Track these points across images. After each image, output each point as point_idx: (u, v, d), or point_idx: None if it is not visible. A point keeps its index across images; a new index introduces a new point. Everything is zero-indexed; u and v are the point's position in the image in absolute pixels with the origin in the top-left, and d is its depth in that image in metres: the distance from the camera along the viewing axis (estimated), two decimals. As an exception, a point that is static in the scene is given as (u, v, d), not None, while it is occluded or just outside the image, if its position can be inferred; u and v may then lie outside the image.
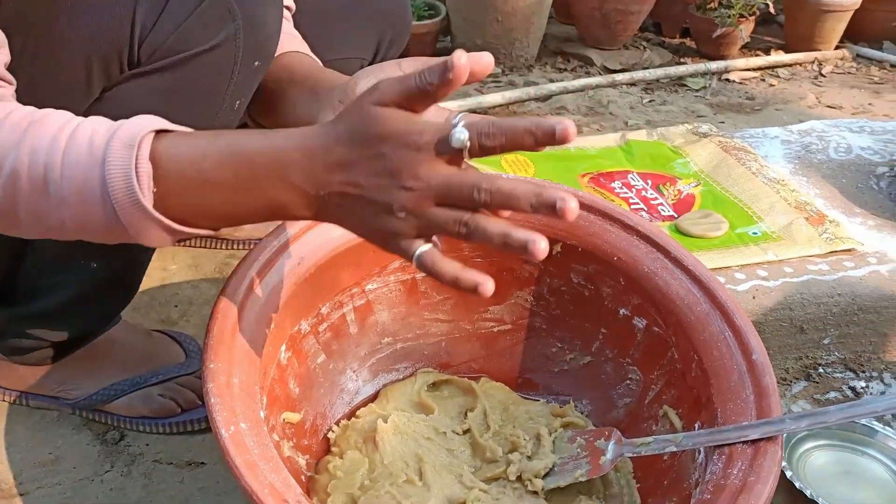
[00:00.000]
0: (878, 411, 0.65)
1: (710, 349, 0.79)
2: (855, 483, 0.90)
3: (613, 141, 1.37)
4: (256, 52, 0.74)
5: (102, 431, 0.95)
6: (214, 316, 0.72)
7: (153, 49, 0.69)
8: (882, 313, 1.06)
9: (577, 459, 0.81)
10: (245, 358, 0.72)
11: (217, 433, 0.63)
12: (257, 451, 0.64)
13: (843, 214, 1.20)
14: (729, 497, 0.66)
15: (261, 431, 0.66)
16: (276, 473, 0.63)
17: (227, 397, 0.66)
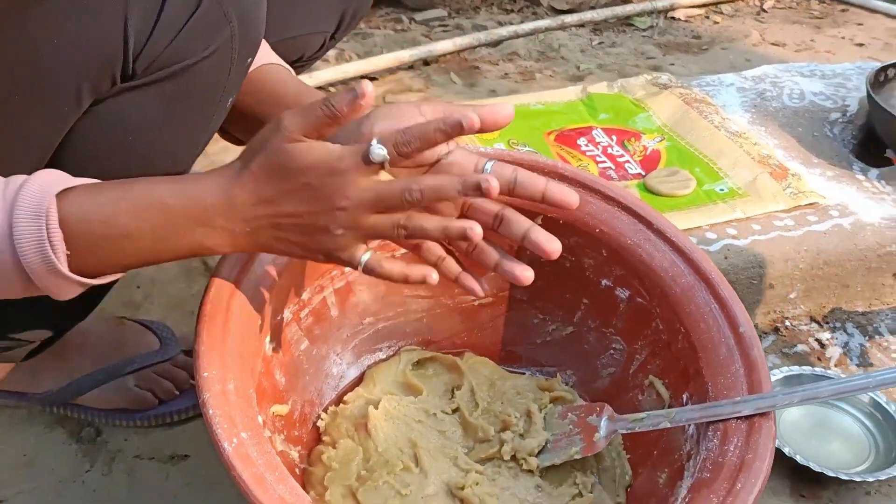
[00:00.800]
0: (870, 387, 0.67)
1: (697, 322, 0.80)
2: (827, 437, 0.94)
3: (574, 94, 1.36)
4: (249, 50, 0.70)
5: (77, 428, 0.92)
6: (202, 319, 0.70)
7: (149, 62, 0.65)
8: (845, 266, 1.09)
9: (570, 436, 0.82)
10: (237, 360, 0.70)
11: (220, 448, 0.62)
12: (261, 461, 0.63)
13: (803, 166, 1.22)
14: (729, 475, 0.67)
15: (262, 439, 0.65)
16: (283, 484, 0.62)
17: (224, 407, 0.64)
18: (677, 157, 1.20)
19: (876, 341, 1.09)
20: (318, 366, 0.87)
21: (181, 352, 0.95)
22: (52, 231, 0.58)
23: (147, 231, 0.61)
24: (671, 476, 0.77)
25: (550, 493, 0.79)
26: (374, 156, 0.59)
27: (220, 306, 0.71)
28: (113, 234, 0.60)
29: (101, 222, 0.60)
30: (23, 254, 0.57)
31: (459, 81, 1.76)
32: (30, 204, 0.58)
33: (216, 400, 0.64)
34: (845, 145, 1.33)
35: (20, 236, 0.57)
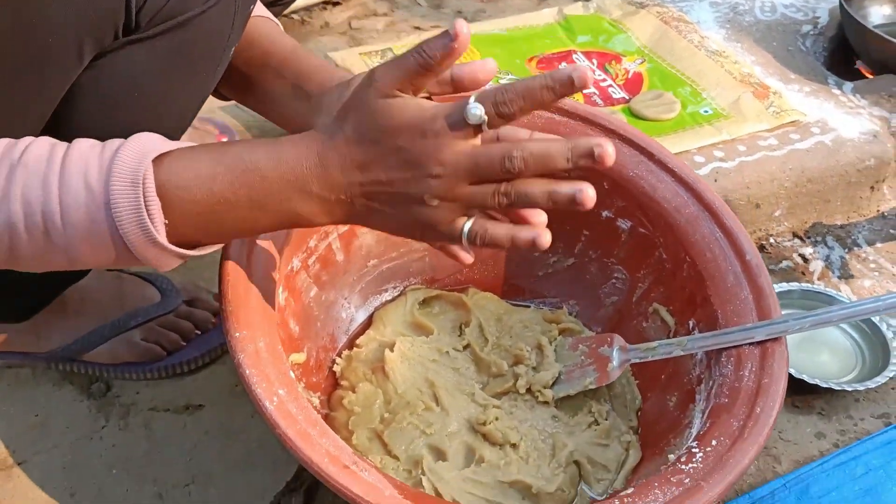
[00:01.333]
0: (879, 310, 0.70)
1: (703, 251, 0.82)
2: (816, 349, 0.98)
3: (551, 17, 1.34)
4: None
5: (86, 384, 0.91)
6: (225, 279, 0.69)
7: (152, 14, 0.62)
8: (827, 182, 1.12)
9: (582, 367, 0.84)
10: (263, 317, 0.70)
11: (262, 407, 0.62)
12: (302, 416, 0.64)
13: (781, 83, 1.24)
14: (747, 400, 0.70)
15: (297, 394, 0.66)
16: (325, 437, 0.63)
17: (259, 366, 0.65)
18: (660, 80, 1.20)
19: (855, 253, 1.13)
20: (328, 311, 0.88)
21: (182, 302, 0.95)
22: (149, 199, 0.55)
23: (244, 197, 0.58)
24: (682, 399, 0.80)
25: (567, 423, 0.82)
26: (471, 116, 0.54)
27: (241, 263, 0.71)
28: (210, 200, 0.57)
29: (198, 188, 0.57)
30: (120, 223, 0.55)
31: (425, 3, 1.72)
32: (126, 170, 0.55)
33: (251, 360, 0.65)
34: (818, 58, 1.35)
35: (117, 205, 0.54)
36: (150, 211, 0.55)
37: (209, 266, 1.06)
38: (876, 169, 1.13)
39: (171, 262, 0.59)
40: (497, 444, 0.79)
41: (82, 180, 0.55)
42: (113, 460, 0.85)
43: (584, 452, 0.79)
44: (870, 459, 0.88)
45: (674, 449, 0.75)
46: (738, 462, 0.66)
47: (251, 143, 0.60)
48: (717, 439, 0.68)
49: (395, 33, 1.58)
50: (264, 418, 0.62)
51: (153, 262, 0.58)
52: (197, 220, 0.58)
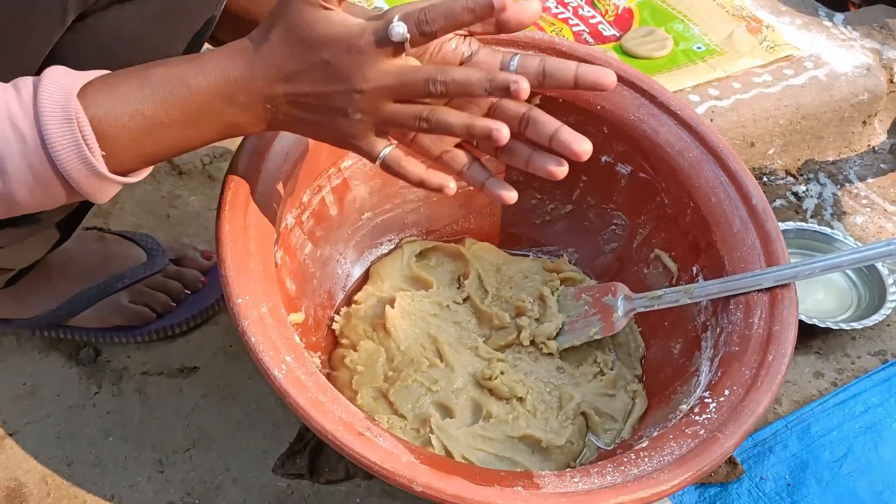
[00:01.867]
0: (893, 254, 0.69)
1: (707, 196, 0.80)
2: (812, 288, 0.98)
3: (535, -50, 1.29)
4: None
5: (73, 350, 0.88)
6: (222, 242, 0.66)
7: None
8: (821, 118, 1.10)
9: (586, 317, 0.83)
10: (264, 280, 0.67)
11: (270, 376, 0.60)
12: (311, 383, 0.62)
13: (773, 15, 1.21)
14: (759, 347, 0.70)
15: (305, 360, 0.64)
16: (336, 404, 0.61)
17: (265, 333, 0.62)
18: (650, 15, 1.17)
19: (846, 189, 1.13)
20: (324, 268, 0.85)
21: (169, 261, 0.91)
22: (86, 134, 0.54)
23: (177, 117, 0.57)
24: (687, 346, 0.80)
25: (573, 374, 0.81)
26: (394, 34, 0.55)
27: (237, 225, 0.68)
28: (143, 125, 0.57)
29: (129, 115, 0.56)
30: (59, 162, 0.54)
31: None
32: (55, 109, 0.53)
33: (255, 326, 0.62)
34: (807, -11, 1.32)
35: (54, 144, 0.53)
36: (89, 145, 0.55)
37: (192, 221, 1.04)
38: (869, 103, 1.12)
39: (112, 190, 0.59)
40: (504, 399, 0.78)
41: (9, 125, 0.53)
42: (109, 427, 0.82)
43: (591, 403, 0.79)
44: (868, 397, 0.89)
45: (681, 397, 0.74)
46: (752, 411, 0.66)
47: (173, 61, 0.59)
48: (730, 388, 0.68)
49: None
50: (273, 388, 0.60)
51: (93, 195, 0.58)
52: (133, 146, 0.58)
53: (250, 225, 0.69)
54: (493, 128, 0.57)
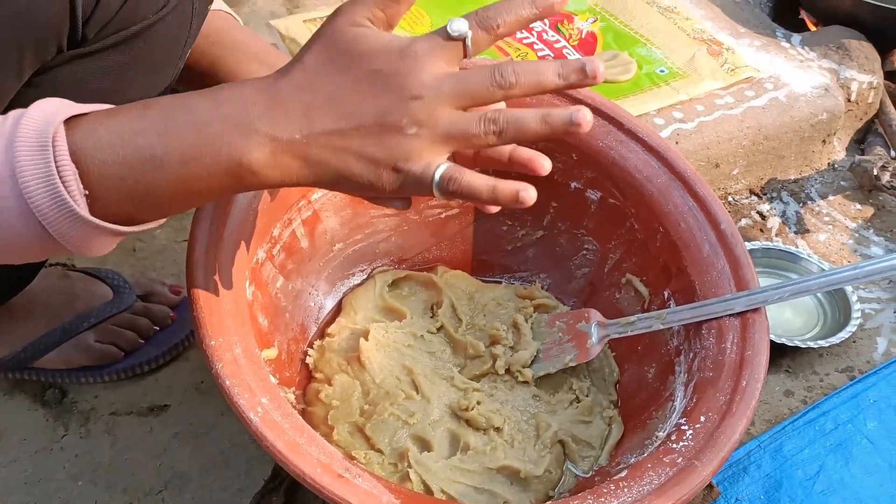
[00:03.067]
0: (858, 278, 0.70)
1: (677, 221, 0.81)
2: (780, 307, 0.99)
3: (498, -25, 1.29)
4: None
5: (39, 391, 0.86)
6: (193, 282, 0.65)
7: (101, 25, 0.56)
8: (782, 138, 1.12)
9: (561, 344, 0.83)
10: (236, 319, 0.66)
11: (245, 420, 0.59)
12: (288, 425, 0.61)
13: (732, 37, 1.23)
14: (732, 372, 0.70)
15: (280, 400, 0.63)
16: (314, 445, 0.61)
17: (239, 375, 0.62)
18: (614, 39, 1.18)
19: (809, 207, 1.14)
20: (296, 301, 0.84)
21: (136, 298, 0.90)
22: (60, 162, 0.46)
23: (175, 150, 0.48)
24: (660, 371, 0.80)
25: (549, 402, 0.81)
26: (453, 29, 0.50)
27: (208, 264, 0.67)
28: (135, 158, 0.48)
29: (119, 147, 0.48)
30: (30, 197, 0.46)
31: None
32: (31, 134, 0.46)
33: (229, 369, 0.61)
34: (763, 9, 1.35)
35: (23, 174, 0.46)
36: (63, 177, 0.47)
37: (159, 254, 1.03)
38: (828, 122, 1.14)
39: (101, 242, 0.51)
40: (481, 430, 0.78)
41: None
42: (78, 471, 0.81)
43: (568, 431, 0.79)
44: (838, 414, 0.90)
45: (657, 423, 0.75)
46: (728, 438, 0.66)
47: (183, 94, 0.52)
48: (706, 415, 0.68)
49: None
50: (250, 431, 0.59)
51: (79, 246, 0.50)
52: (122, 187, 0.49)
53: (222, 263, 0.68)
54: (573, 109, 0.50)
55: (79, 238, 0.49)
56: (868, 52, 1.20)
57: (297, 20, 1.16)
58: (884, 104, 1.22)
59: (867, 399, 0.91)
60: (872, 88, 1.20)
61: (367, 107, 0.50)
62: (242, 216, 0.72)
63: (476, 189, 0.51)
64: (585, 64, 0.51)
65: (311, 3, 1.44)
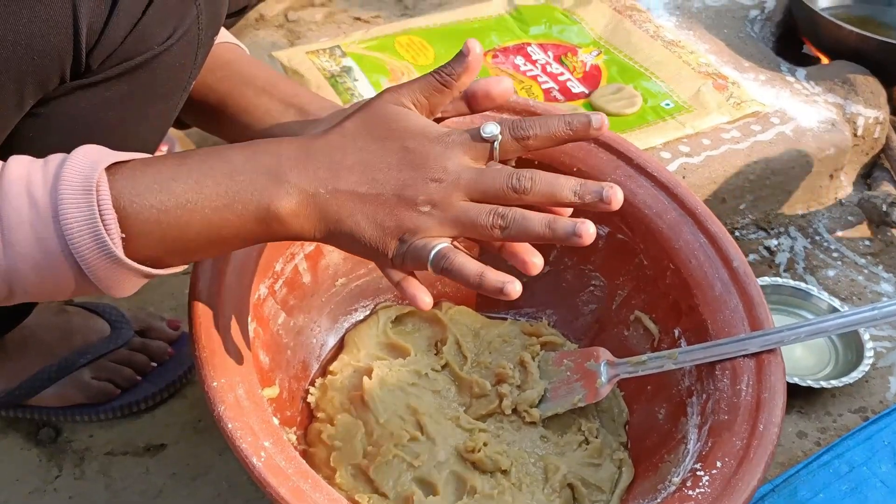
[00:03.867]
0: (877, 319, 0.69)
1: (687, 258, 0.80)
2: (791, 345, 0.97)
3: (502, 7, 1.29)
4: (215, 26, 0.61)
5: (33, 430, 0.84)
6: (196, 321, 0.63)
7: (105, 55, 0.55)
8: (789, 173, 1.11)
9: (569, 383, 0.81)
10: (238, 359, 0.65)
11: (248, 465, 0.57)
12: (292, 469, 0.59)
13: (737, 71, 1.22)
14: (748, 416, 0.68)
15: (284, 444, 0.61)
16: (319, 491, 0.58)
17: (242, 418, 0.60)
18: (618, 72, 1.17)
19: (817, 242, 1.13)
20: (298, 338, 0.82)
21: (134, 333, 0.88)
22: (104, 208, 0.49)
23: (210, 195, 0.51)
24: (672, 412, 0.78)
25: (557, 443, 0.79)
26: (486, 131, 0.54)
27: (211, 302, 0.65)
28: (170, 203, 0.51)
29: (157, 192, 0.50)
30: (71, 237, 0.48)
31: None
32: (77, 178, 0.48)
33: (232, 411, 0.59)
34: (766, 43, 1.34)
35: (66, 215, 0.48)
36: (105, 221, 0.49)
37: (158, 287, 1.00)
38: (835, 157, 1.13)
39: (131, 283, 0.53)
40: (487, 472, 0.75)
41: (24, 193, 0.48)
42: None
43: (577, 474, 0.77)
44: (852, 457, 0.88)
45: (670, 466, 0.73)
46: (747, 484, 0.64)
47: (221, 146, 0.55)
48: (722, 460, 0.66)
49: (336, 25, 1.51)
50: (252, 477, 0.57)
51: (110, 286, 0.52)
52: (156, 230, 0.51)
53: (224, 300, 0.66)
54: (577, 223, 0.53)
55: (111, 279, 0.51)
56: (874, 87, 1.20)
57: (299, 52, 1.15)
58: (890, 139, 1.21)
59: (881, 441, 0.89)
60: (879, 123, 1.19)
61: (391, 177, 0.53)
62: (245, 252, 0.70)
63: (465, 273, 0.53)
64: (603, 189, 0.53)
65: (312, 35, 1.44)
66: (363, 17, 1.56)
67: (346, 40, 1.19)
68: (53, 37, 0.52)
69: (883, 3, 1.39)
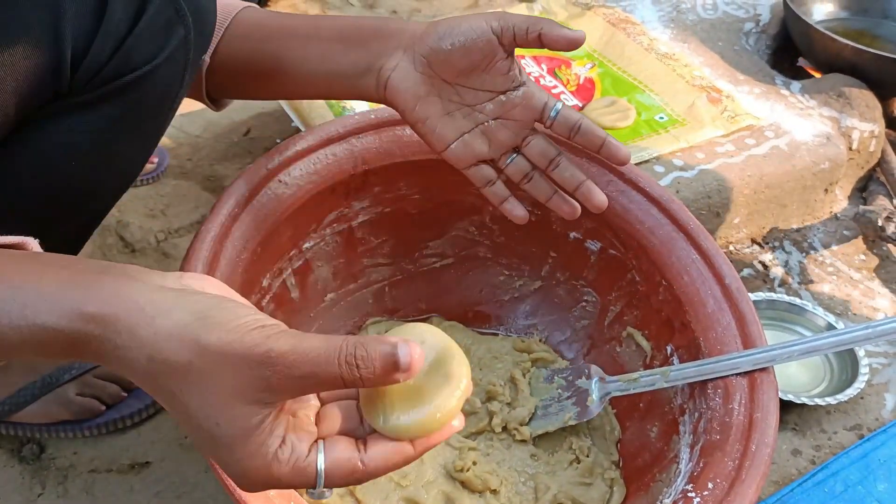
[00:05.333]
0: (871, 338, 0.68)
1: (680, 274, 0.79)
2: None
3: (495, 20, 1.29)
4: (205, 45, 0.60)
5: (16, 447, 0.83)
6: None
7: (90, 76, 0.54)
8: (784, 187, 1.10)
9: (560, 401, 0.80)
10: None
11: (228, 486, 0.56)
12: (274, 492, 0.57)
13: (731, 84, 1.22)
14: (740, 435, 0.67)
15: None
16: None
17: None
18: (612, 85, 1.16)
19: (812, 257, 1.12)
20: (286, 353, 0.81)
21: (120, 347, 0.86)
22: None
23: None
24: (664, 430, 0.77)
25: (548, 462, 0.78)
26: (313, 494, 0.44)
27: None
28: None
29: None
30: None
31: (358, 3, 1.65)
32: None
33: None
34: (762, 56, 1.34)
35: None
36: None
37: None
38: (830, 171, 1.13)
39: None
40: (476, 492, 0.74)
41: None
42: (53, 533, 0.77)
43: (568, 493, 0.75)
44: (847, 475, 0.87)
45: (661, 486, 0.72)
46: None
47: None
48: (714, 482, 0.65)
49: (329, 37, 1.51)
50: (233, 499, 0.56)
51: None
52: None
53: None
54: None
55: None
56: (869, 101, 1.19)
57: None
58: (885, 153, 1.20)
59: (877, 459, 0.88)
60: (874, 137, 1.18)
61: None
62: (230, 268, 0.69)
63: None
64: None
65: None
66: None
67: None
68: (37, 56, 0.51)
69: (878, 16, 1.39)
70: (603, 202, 0.71)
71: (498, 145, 0.69)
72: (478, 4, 1.64)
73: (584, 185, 0.71)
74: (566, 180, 0.71)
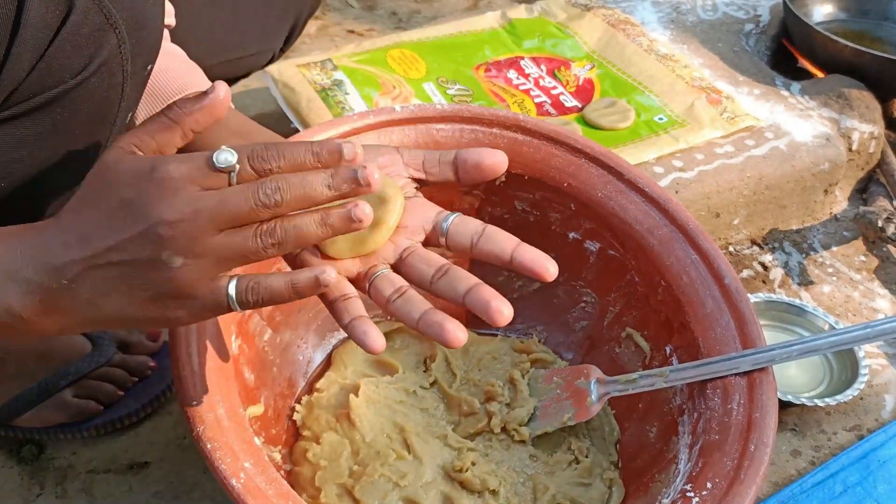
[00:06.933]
0: (870, 338, 0.67)
1: (679, 274, 0.79)
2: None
3: (495, 21, 1.29)
4: (147, 55, 0.59)
5: (14, 447, 0.82)
6: (176, 339, 0.62)
7: (9, 91, 0.51)
8: (784, 188, 1.10)
9: (559, 401, 0.80)
10: (220, 377, 0.63)
11: (227, 486, 0.56)
12: (272, 491, 0.58)
13: (731, 86, 1.22)
14: (739, 435, 0.67)
15: (265, 464, 0.60)
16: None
17: (221, 438, 0.58)
18: (611, 86, 1.16)
19: (812, 258, 1.12)
20: (284, 354, 0.81)
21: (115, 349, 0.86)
22: None
23: None
24: (663, 431, 0.77)
25: (546, 462, 0.78)
26: (220, 160, 0.46)
27: (191, 319, 0.64)
28: None
29: None
30: None
31: (357, 5, 1.65)
32: None
33: (211, 431, 0.58)
34: (762, 57, 1.34)
35: None
36: None
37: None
38: (830, 172, 1.12)
39: None
40: (475, 492, 0.74)
41: None
42: (51, 533, 0.77)
43: (567, 494, 0.75)
44: (847, 476, 0.87)
45: (660, 486, 0.71)
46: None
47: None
48: (712, 482, 0.65)
49: (329, 38, 1.51)
50: (231, 498, 0.56)
51: None
52: None
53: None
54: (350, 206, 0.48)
55: None
56: (869, 102, 1.19)
57: (290, 65, 1.14)
58: (885, 154, 1.20)
59: (876, 460, 0.88)
60: (874, 138, 1.18)
61: (121, 239, 0.46)
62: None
63: (276, 291, 0.49)
64: (357, 171, 0.48)
65: (305, 48, 1.44)
66: (357, 30, 1.56)
67: (337, 53, 1.18)
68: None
69: (878, 17, 1.39)
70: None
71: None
72: (477, 6, 1.64)
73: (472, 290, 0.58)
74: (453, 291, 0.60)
